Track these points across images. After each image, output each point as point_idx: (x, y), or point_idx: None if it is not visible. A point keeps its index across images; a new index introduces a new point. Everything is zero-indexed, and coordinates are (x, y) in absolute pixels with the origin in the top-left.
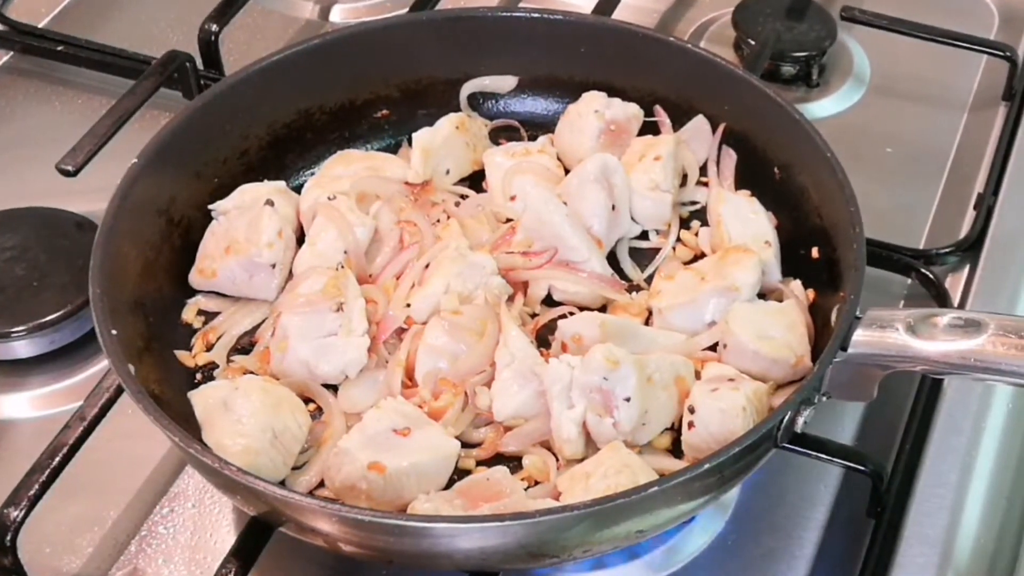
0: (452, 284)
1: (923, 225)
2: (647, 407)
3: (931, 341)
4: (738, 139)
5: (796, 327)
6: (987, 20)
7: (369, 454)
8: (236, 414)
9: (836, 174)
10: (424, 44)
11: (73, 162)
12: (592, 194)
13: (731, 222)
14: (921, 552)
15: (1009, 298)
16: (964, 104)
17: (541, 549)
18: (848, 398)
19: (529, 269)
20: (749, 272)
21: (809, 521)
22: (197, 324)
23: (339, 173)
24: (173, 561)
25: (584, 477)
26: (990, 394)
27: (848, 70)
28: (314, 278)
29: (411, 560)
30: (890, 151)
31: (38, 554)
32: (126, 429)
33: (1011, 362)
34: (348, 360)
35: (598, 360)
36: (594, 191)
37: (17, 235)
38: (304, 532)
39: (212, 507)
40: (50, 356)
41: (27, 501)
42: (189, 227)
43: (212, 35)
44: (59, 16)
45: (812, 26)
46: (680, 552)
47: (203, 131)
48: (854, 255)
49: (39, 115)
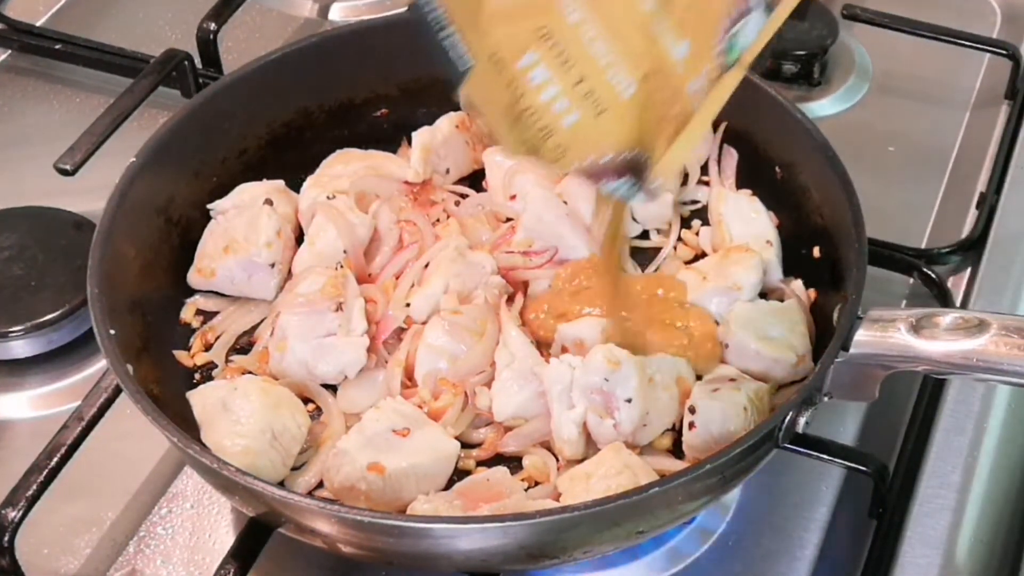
0: (452, 284)
1: (925, 224)
2: (648, 408)
3: (933, 341)
4: (739, 138)
5: (797, 327)
6: (989, 18)
7: (368, 455)
8: (235, 414)
9: (838, 173)
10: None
11: (71, 161)
12: (592, 193)
13: (732, 221)
14: (923, 553)
15: (1012, 298)
16: (966, 103)
17: (541, 550)
18: (850, 398)
19: (529, 269)
20: (750, 272)
21: (810, 522)
22: (196, 324)
23: (338, 172)
24: (172, 562)
25: (584, 478)
26: (992, 395)
27: (850, 69)
28: (313, 278)
29: (410, 561)
30: (892, 150)
31: (36, 555)
32: (124, 429)
33: (1013, 362)
34: (347, 360)
35: (599, 361)
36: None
37: (15, 234)
38: (303, 533)
39: (211, 508)
40: (48, 356)
41: (25, 502)
42: (188, 226)
43: (211, 33)
44: (57, 14)
45: (814, 24)
46: (681, 553)
47: (202, 130)
48: (856, 254)
49: (37, 114)
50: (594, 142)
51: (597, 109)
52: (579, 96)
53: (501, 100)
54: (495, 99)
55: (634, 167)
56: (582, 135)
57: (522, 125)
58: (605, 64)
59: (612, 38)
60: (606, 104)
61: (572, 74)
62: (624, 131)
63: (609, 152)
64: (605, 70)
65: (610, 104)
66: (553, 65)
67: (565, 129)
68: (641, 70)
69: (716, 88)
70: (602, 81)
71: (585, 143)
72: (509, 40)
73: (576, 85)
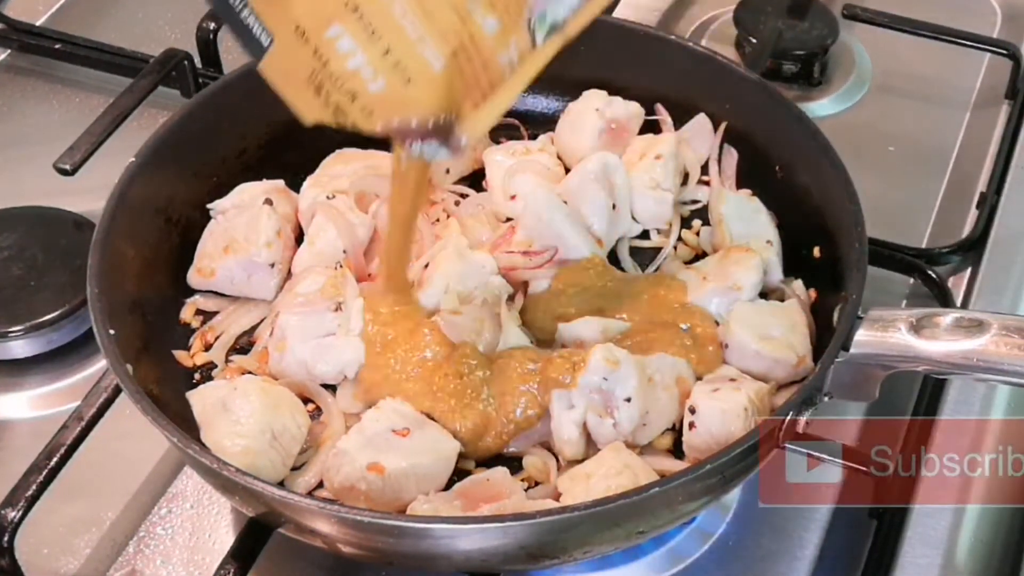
0: (452, 284)
1: (925, 224)
2: (648, 407)
3: (933, 341)
4: (739, 138)
5: (798, 327)
6: (990, 18)
7: (368, 455)
8: (235, 414)
9: (838, 173)
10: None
11: (71, 161)
12: (592, 193)
13: (732, 221)
14: (923, 553)
15: (1012, 298)
16: (967, 103)
17: (541, 550)
18: (850, 398)
19: (529, 269)
20: (751, 272)
21: (811, 522)
22: (195, 324)
23: (338, 172)
24: (171, 562)
25: (584, 478)
26: (992, 394)
27: (850, 68)
28: (313, 278)
29: (410, 561)
30: (892, 150)
31: (36, 555)
32: (124, 429)
33: (1014, 362)
34: (346, 360)
35: (598, 360)
36: (594, 190)
37: (15, 234)
38: (303, 533)
39: (210, 508)
40: (48, 356)
41: (24, 502)
42: (187, 226)
43: (210, 33)
44: (57, 14)
45: (814, 24)
46: (681, 553)
47: (201, 130)
48: (856, 254)
49: (37, 114)
50: (401, 107)
51: (405, 77)
52: (387, 66)
53: (305, 69)
54: (297, 69)
55: (441, 130)
56: (389, 100)
57: (328, 89)
58: (415, 38)
59: (423, 16)
60: (414, 74)
61: (379, 45)
62: (432, 99)
63: (416, 117)
64: (415, 44)
65: (419, 75)
66: (360, 36)
67: (371, 94)
68: (451, 46)
69: (529, 57)
70: (412, 54)
71: (392, 107)
72: (314, 11)
73: (384, 55)
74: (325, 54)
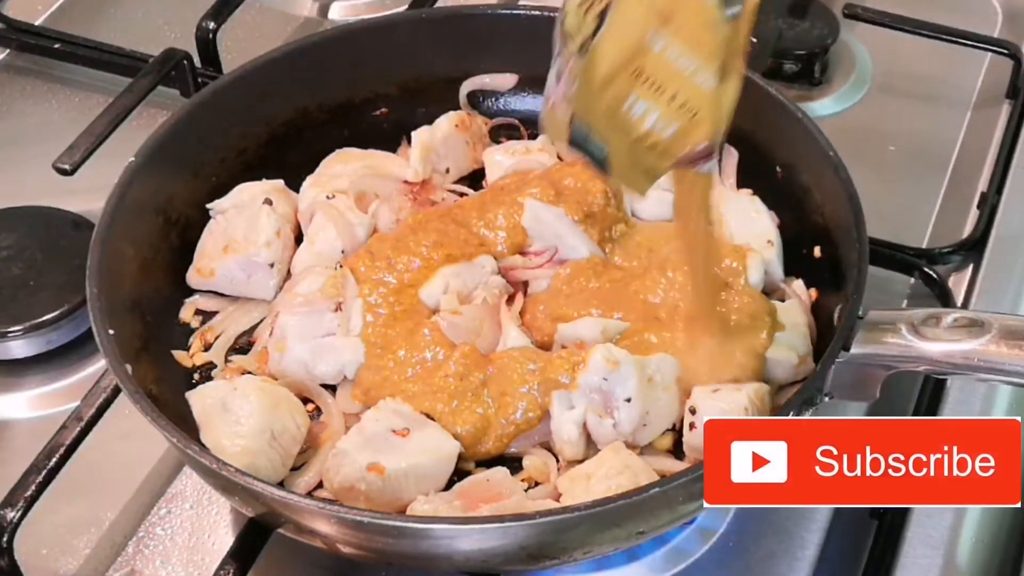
0: (452, 284)
1: (926, 224)
2: (648, 408)
3: (934, 341)
4: (740, 137)
5: (798, 327)
6: (991, 18)
7: (368, 455)
8: (234, 415)
9: (838, 173)
10: (423, 42)
11: (70, 161)
12: None
13: (733, 221)
14: (923, 553)
15: (1013, 298)
16: (967, 102)
17: (541, 551)
18: (850, 398)
19: (529, 269)
20: (751, 272)
21: (811, 522)
22: (195, 324)
23: (338, 172)
24: (171, 563)
25: (585, 478)
26: (993, 395)
27: (850, 68)
28: (312, 278)
29: (410, 562)
30: (893, 149)
31: (35, 556)
32: (123, 429)
33: (1014, 362)
34: (346, 360)
35: (598, 360)
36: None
37: (14, 234)
38: (303, 533)
39: (210, 508)
40: (47, 356)
41: (24, 502)
42: (187, 226)
43: (210, 32)
44: (56, 13)
45: (814, 23)
46: (681, 553)
47: (201, 129)
48: (856, 254)
49: (36, 113)
50: (692, 139)
51: (692, 113)
52: (676, 109)
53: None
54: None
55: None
56: (683, 136)
57: (638, 155)
58: (690, 73)
59: (692, 48)
60: (698, 106)
61: (667, 95)
62: (713, 118)
63: (704, 141)
64: (692, 77)
65: (701, 104)
66: (648, 95)
67: (667, 139)
68: (718, 61)
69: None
70: (694, 90)
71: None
72: (616, 97)
73: (671, 102)
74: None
